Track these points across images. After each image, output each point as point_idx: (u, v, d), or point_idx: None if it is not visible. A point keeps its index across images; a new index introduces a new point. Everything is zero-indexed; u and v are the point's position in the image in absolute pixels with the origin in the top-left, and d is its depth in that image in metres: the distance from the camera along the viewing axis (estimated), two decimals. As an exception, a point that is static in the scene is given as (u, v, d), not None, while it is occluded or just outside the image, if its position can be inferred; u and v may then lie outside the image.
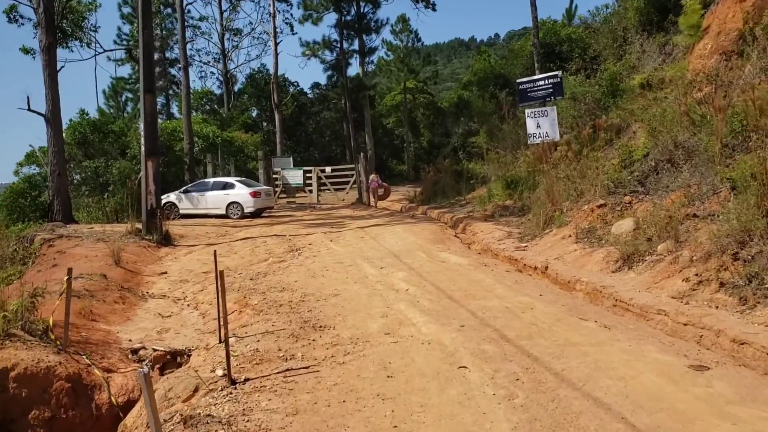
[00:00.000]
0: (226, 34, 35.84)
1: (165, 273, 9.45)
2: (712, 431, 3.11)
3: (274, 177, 23.52)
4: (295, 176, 23.49)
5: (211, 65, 37.85)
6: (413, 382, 4.00)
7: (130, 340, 6.14)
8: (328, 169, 23.77)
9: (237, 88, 38.42)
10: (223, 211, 16.79)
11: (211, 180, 18.73)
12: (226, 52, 35.99)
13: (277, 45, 30.36)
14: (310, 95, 38.92)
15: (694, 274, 5.56)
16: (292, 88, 37.17)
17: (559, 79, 13.26)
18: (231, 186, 17.23)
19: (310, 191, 23.15)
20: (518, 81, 14.57)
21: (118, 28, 45.83)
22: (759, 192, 5.61)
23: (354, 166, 23.47)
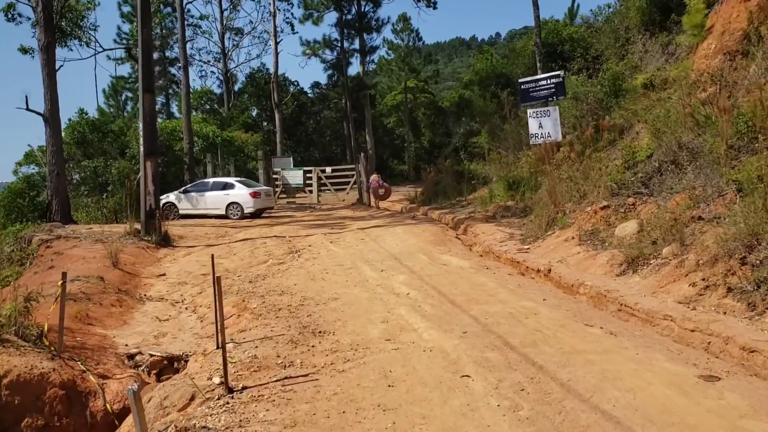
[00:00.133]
0: (227, 33, 35.85)
1: (163, 275, 9.35)
2: (725, 446, 3.01)
3: (274, 177, 23.41)
4: (295, 176, 23.37)
5: (211, 64, 37.85)
6: (415, 391, 3.89)
7: (127, 345, 6.04)
8: (329, 170, 23.66)
9: (237, 88, 38.39)
10: (223, 212, 16.70)
11: (211, 180, 18.63)
12: (227, 51, 35.96)
13: (278, 44, 30.30)
14: (310, 95, 38.81)
15: (700, 278, 5.45)
16: (292, 88, 37.07)
17: (561, 79, 13.16)
18: (231, 186, 17.13)
19: (310, 191, 23.03)
20: (520, 81, 14.47)
21: (117, 26, 46.00)
22: (766, 194, 5.51)
23: (354, 166, 23.34)
